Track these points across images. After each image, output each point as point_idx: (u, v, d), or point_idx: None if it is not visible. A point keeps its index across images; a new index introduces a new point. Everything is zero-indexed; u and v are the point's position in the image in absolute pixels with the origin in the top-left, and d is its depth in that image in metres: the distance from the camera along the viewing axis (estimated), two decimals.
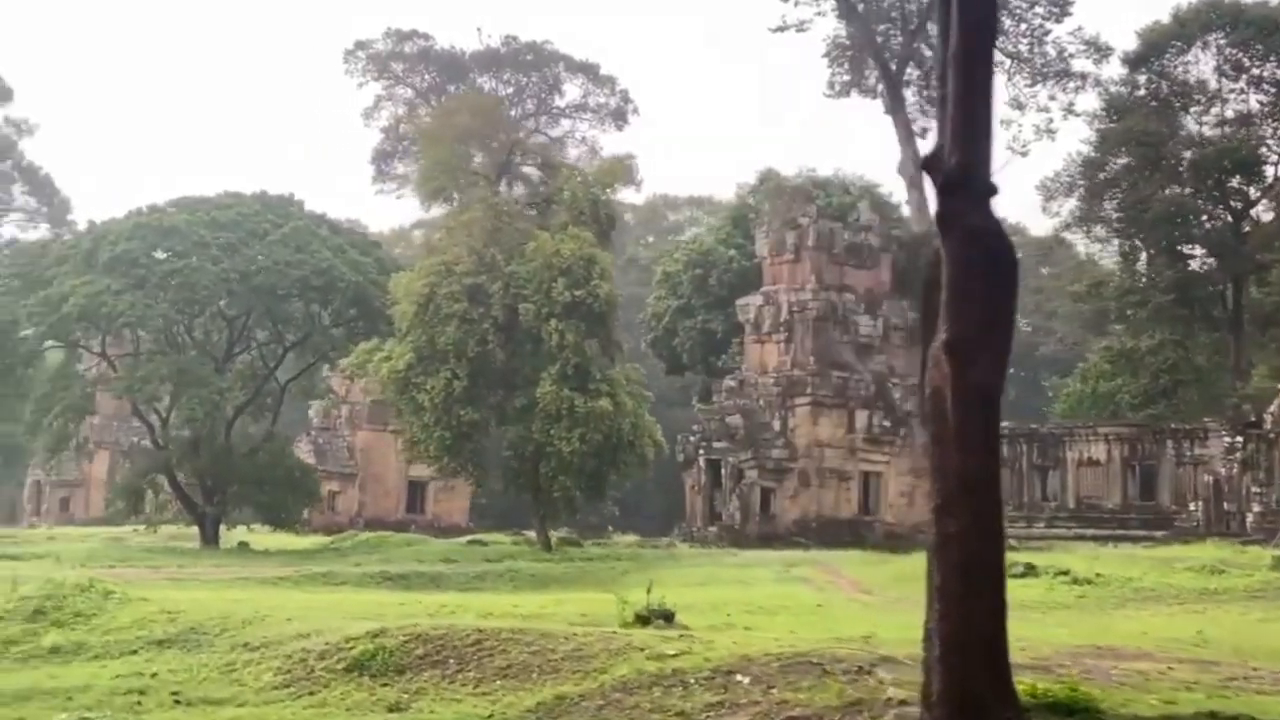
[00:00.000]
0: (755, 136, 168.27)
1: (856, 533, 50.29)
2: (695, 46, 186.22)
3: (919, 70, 77.48)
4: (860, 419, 52.92)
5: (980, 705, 9.75)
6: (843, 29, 76.44)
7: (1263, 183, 64.38)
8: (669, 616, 19.07)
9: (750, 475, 51.23)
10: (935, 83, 10.69)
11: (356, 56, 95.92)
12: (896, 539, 50.06)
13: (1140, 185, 64.03)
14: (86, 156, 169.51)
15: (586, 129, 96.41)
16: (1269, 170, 64.17)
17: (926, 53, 77.27)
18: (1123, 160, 66.02)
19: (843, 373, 52.95)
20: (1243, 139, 62.32)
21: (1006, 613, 10.11)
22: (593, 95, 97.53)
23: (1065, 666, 13.36)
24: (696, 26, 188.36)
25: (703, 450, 52.30)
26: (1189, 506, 51.08)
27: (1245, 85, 64.96)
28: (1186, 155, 64.08)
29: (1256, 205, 65.09)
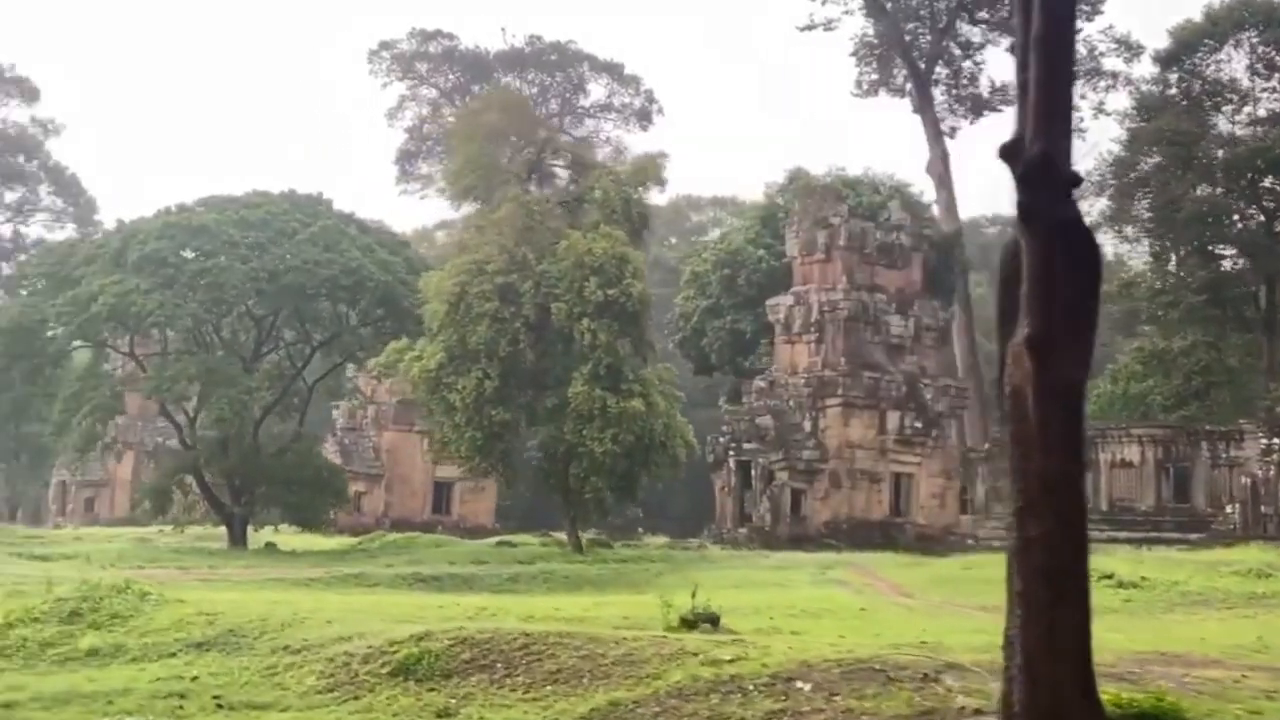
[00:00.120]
0: (775, 136, 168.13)
1: (888, 535, 49.87)
2: (713, 46, 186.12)
3: (948, 69, 77.34)
4: (892, 420, 52.42)
5: (1066, 716, 9.39)
6: (870, 28, 76.49)
7: None
8: (714, 620, 18.73)
9: (781, 476, 50.80)
10: (1015, 69, 10.28)
11: (381, 56, 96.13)
12: (928, 541, 49.69)
13: (1172, 185, 63.54)
14: (108, 156, 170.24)
15: (611, 129, 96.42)
16: None
17: (955, 51, 77.24)
18: (1154, 159, 65.57)
19: (874, 373, 52.47)
20: (1276, 138, 61.69)
21: (1091, 620, 9.76)
22: (617, 95, 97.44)
23: (1135, 674, 12.97)
24: (713, 26, 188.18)
25: (733, 451, 51.92)
26: (1225, 509, 50.40)
27: (1278, 84, 64.51)
28: (1219, 155, 63.62)
29: None
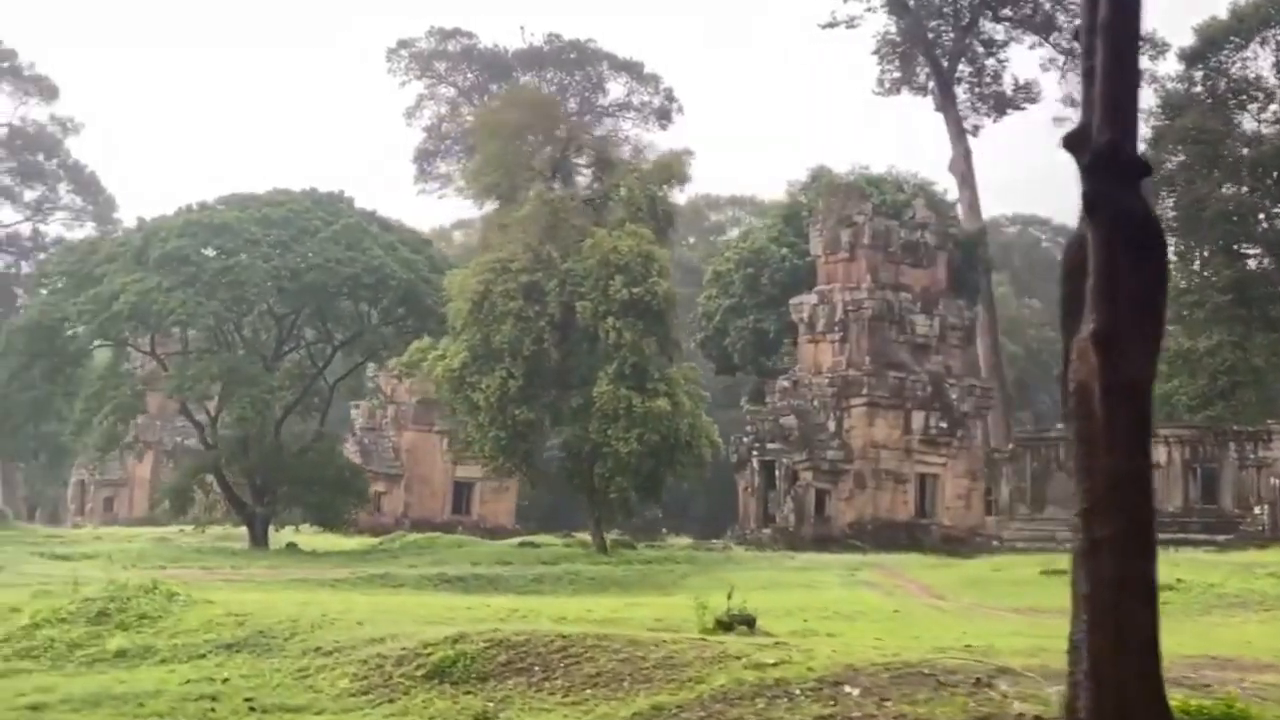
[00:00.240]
0: (793, 136, 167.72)
1: (913, 536, 49.53)
2: (729, 44, 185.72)
3: (970, 67, 76.91)
4: (917, 420, 52.02)
5: None
6: (893, 25, 76.07)
7: None
8: (750, 622, 18.41)
9: (805, 477, 50.45)
10: (1081, 55, 9.96)
11: (399, 55, 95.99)
12: (953, 542, 49.34)
13: (1197, 184, 63.03)
14: (126, 155, 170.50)
15: (630, 128, 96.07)
16: None
17: (978, 48, 76.81)
18: (1179, 158, 65.00)
19: (899, 373, 52.08)
20: None
21: (1159, 624, 9.45)
22: (636, 94, 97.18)
23: (1190, 679, 12.62)
24: (729, 24, 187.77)
25: (756, 451, 51.58)
26: (1253, 510, 49.98)
27: None
28: (1244, 153, 63.15)
29: None
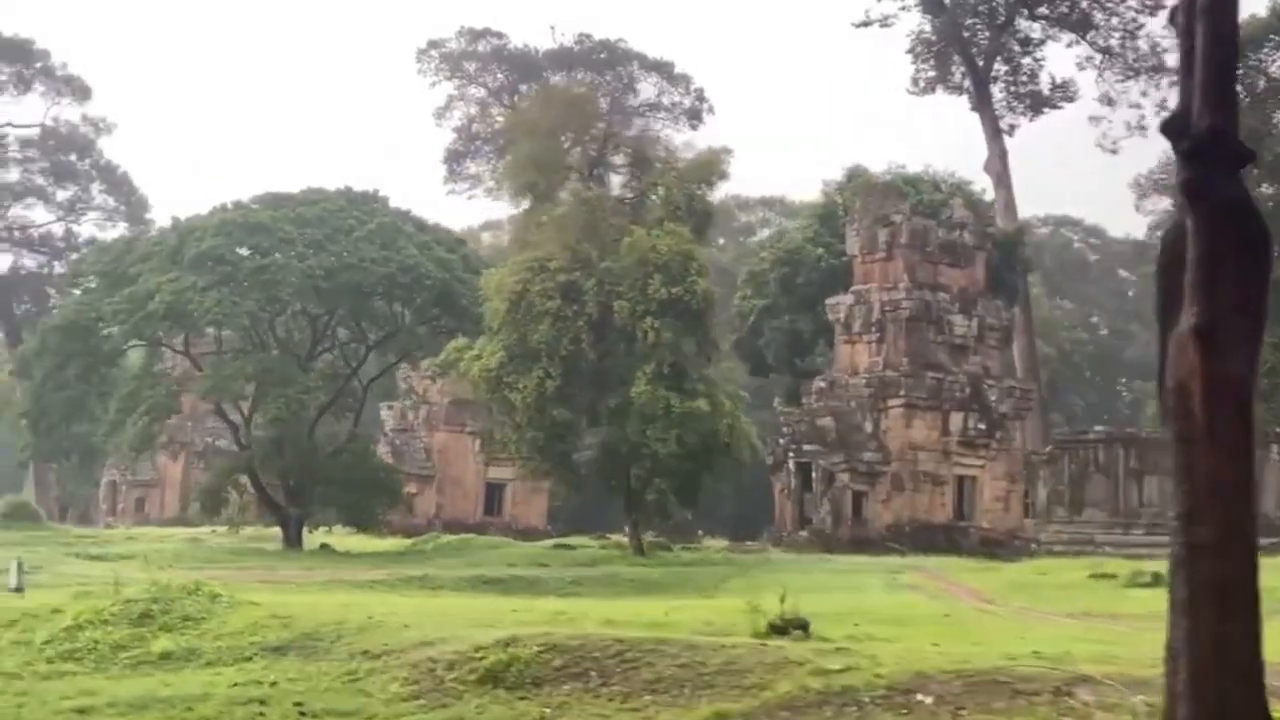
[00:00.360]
0: (818, 136, 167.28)
1: (951, 538, 49.01)
2: (757, 45, 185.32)
3: (1007, 66, 76.20)
4: (955, 421, 51.46)
5: None
6: (928, 24, 75.44)
7: None
8: (804, 626, 17.97)
9: (842, 479, 49.96)
10: (1180, 35, 9.52)
11: (429, 55, 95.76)
12: (992, 545, 48.79)
13: None
14: (154, 154, 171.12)
15: (660, 128, 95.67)
16: None
17: (1014, 47, 76.09)
18: None
19: (936, 374, 51.53)
20: None
21: (1263, 632, 9.04)
22: (667, 94, 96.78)
23: None
24: (757, 25, 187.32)
25: (792, 453, 51.05)
26: None
27: None
28: None
29: None
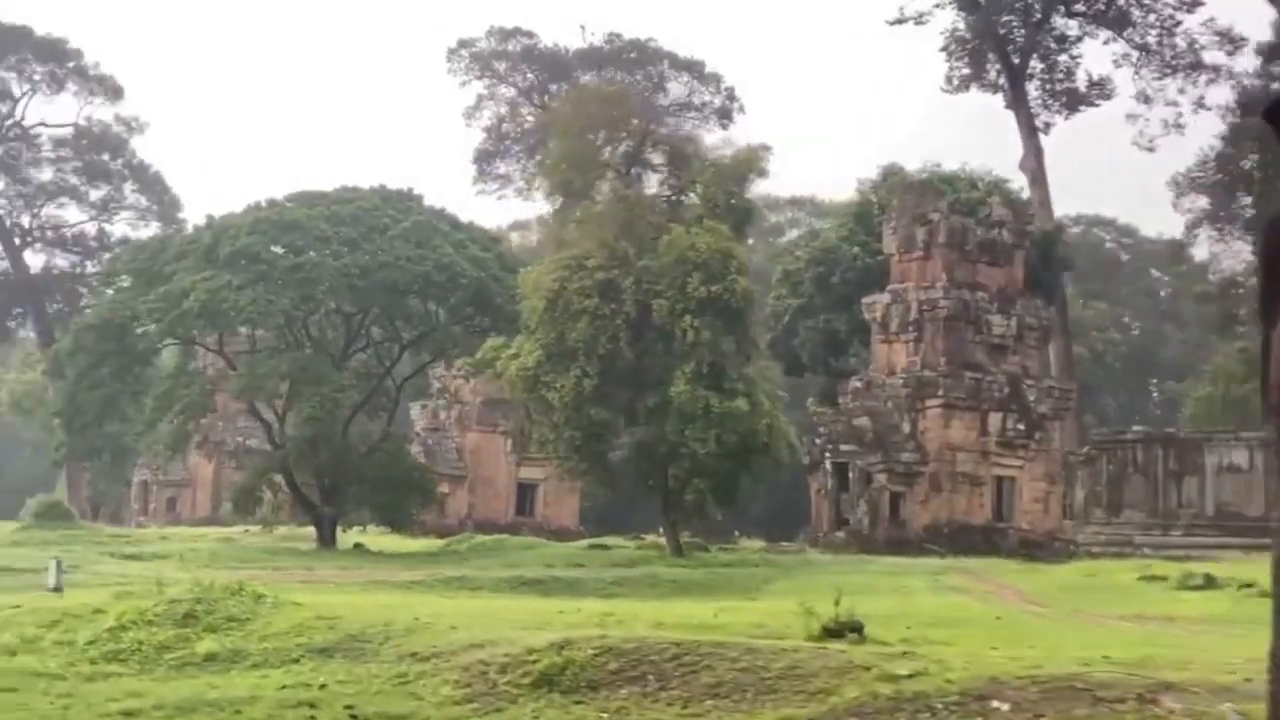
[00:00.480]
0: (846, 134, 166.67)
1: (990, 540, 48.38)
2: (786, 44, 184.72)
3: (1043, 63, 75.53)
4: (993, 422, 50.75)
5: None
6: (962, 21, 74.82)
7: None
8: (859, 629, 17.59)
9: (879, 479, 49.39)
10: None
11: (459, 55, 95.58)
12: (1031, 546, 48.21)
13: (1275, 181, 61.65)
14: (186, 154, 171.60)
15: (691, 127, 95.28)
16: None
17: (1050, 44, 75.40)
18: (1255, 156, 63.60)
19: (975, 373, 50.86)
20: None
21: None
22: (697, 93, 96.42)
23: None
24: (786, 22, 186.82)
25: (829, 453, 50.47)
26: None
27: None
28: None
29: None
